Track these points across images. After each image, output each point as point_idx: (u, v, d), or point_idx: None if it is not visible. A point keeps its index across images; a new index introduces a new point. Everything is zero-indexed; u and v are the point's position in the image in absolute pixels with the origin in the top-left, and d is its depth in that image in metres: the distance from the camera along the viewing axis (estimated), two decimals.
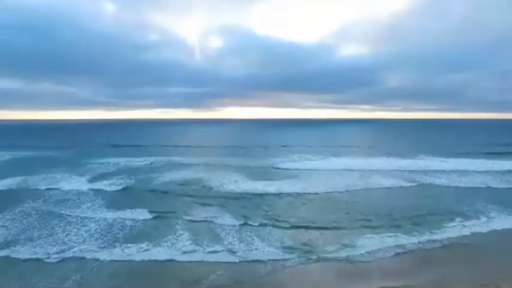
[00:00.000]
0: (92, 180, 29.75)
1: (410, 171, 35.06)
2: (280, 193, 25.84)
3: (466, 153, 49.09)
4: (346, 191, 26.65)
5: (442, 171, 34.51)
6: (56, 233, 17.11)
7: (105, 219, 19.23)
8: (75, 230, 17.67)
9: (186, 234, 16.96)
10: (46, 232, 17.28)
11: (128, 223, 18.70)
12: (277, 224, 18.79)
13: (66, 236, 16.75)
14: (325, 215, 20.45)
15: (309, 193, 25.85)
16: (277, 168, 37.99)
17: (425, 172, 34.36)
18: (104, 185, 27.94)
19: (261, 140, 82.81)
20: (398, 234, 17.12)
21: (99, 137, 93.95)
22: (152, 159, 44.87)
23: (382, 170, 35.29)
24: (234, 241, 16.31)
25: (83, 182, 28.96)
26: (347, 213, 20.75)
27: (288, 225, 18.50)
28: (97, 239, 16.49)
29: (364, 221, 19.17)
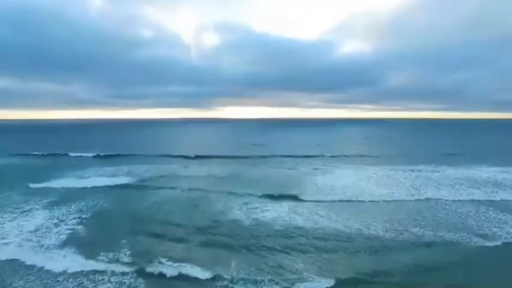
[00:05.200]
0: (29, 231, 18.49)
1: None
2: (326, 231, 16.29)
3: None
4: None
5: None
6: None
7: None
8: None
9: None
10: None
11: None
12: None
13: None
14: None
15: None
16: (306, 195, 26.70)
17: None
18: (51, 234, 17.11)
19: (273, 146, 71.01)
20: None
21: (83, 142, 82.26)
22: (141, 170, 34.37)
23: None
24: None
25: (16, 231, 17.76)
26: None
27: None
28: None
29: None
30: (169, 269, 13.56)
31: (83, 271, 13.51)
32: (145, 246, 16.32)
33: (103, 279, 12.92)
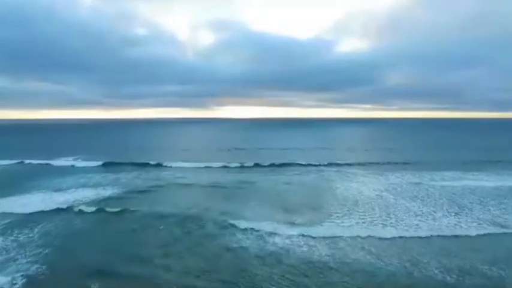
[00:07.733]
0: None
1: None
2: None
3: None
4: None
5: None
6: None
7: None
8: None
9: None
10: None
11: None
12: None
13: None
14: None
15: None
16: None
17: None
18: None
19: (277, 150, 66.21)
20: None
21: (71, 145, 77.19)
22: (129, 177, 29.66)
23: None
24: None
25: None
26: None
27: None
28: None
29: None
30: None
31: None
32: None
33: None
